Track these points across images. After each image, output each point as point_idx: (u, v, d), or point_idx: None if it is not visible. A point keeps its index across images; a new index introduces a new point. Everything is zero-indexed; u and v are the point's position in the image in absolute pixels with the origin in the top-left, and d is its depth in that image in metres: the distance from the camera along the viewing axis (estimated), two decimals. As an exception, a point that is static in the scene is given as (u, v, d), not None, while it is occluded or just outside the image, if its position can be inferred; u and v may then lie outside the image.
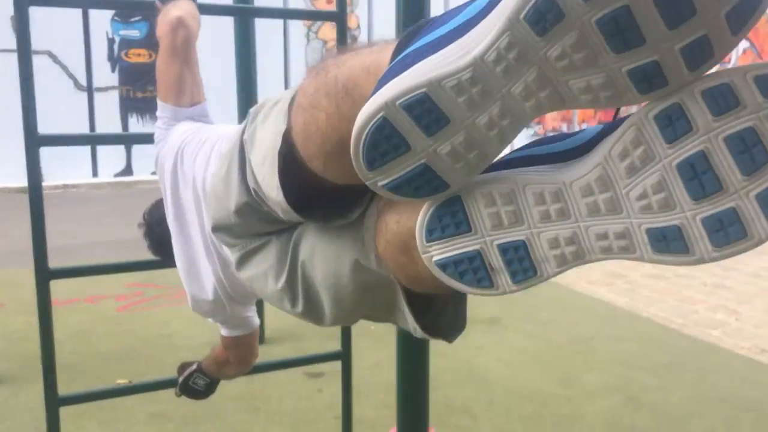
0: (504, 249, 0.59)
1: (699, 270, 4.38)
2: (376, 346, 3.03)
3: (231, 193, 0.95)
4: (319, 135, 0.72)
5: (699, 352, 3.30)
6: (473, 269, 0.60)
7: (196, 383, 1.71)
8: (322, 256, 0.88)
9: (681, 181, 0.53)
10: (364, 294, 0.87)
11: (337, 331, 2.11)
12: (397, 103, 0.56)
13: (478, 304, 3.52)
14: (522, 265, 0.59)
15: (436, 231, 0.61)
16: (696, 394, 2.80)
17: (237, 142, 0.93)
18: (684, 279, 4.43)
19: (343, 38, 1.82)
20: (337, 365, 2.15)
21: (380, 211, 0.78)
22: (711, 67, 0.52)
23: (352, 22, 9.71)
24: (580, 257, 0.58)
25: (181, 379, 1.72)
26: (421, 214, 0.63)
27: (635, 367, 3.08)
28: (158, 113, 1.51)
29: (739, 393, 2.81)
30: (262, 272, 0.99)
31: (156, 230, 1.55)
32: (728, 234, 0.52)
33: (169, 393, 1.81)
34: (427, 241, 0.62)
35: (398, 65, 0.59)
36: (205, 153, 1.27)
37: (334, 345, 2.18)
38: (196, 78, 1.52)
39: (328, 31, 9.62)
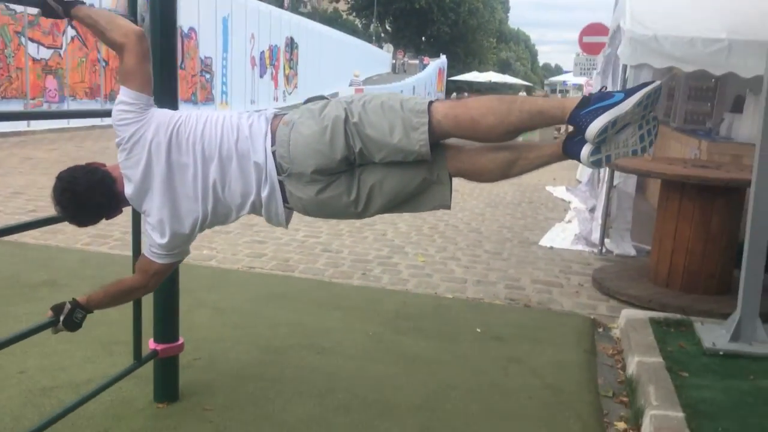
0: (607, 156, 1.80)
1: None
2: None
3: (336, 150, 1.79)
4: (497, 125, 1.74)
5: (218, 273, 4.48)
6: (601, 163, 1.80)
7: (77, 317, 2.02)
8: (394, 179, 1.85)
9: (638, 138, 1.83)
10: (412, 193, 1.88)
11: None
12: (610, 120, 1.71)
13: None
14: (611, 161, 1.81)
15: (594, 153, 1.77)
16: (256, 297, 4.01)
17: (336, 122, 1.77)
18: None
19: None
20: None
21: (450, 157, 1.87)
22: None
23: None
24: (622, 157, 1.81)
25: (63, 317, 1.99)
26: (587, 148, 1.77)
27: (200, 290, 4.02)
28: (130, 100, 1.85)
29: (275, 290, 4.18)
30: (338, 193, 1.86)
31: (84, 195, 1.88)
32: (646, 148, 1.87)
33: None
34: (590, 156, 1.78)
35: (600, 110, 1.72)
36: (212, 127, 1.87)
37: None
38: None
39: None
